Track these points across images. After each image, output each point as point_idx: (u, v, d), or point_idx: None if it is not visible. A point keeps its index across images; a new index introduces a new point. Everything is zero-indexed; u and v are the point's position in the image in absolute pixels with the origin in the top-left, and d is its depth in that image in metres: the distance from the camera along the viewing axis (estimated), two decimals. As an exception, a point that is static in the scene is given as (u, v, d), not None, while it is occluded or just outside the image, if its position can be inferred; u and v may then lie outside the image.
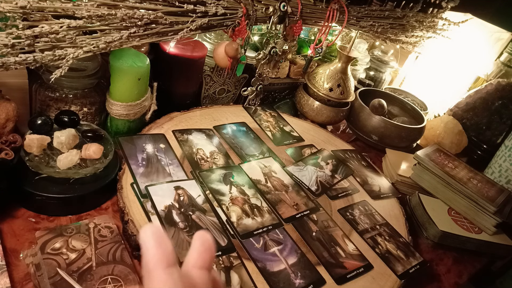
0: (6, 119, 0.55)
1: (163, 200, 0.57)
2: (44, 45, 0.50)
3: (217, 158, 0.70)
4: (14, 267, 0.48)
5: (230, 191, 0.64)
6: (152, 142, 0.68)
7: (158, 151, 0.67)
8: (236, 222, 0.58)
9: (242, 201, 0.63)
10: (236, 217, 0.59)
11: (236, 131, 0.80)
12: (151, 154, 0.65)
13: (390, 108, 1.11)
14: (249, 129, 0.83)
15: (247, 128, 0.83)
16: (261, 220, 0.61)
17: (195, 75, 0.82)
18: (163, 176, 0.62)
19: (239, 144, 0.77)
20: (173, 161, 0.66)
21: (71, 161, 0.56)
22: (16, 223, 0.53)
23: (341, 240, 0.63)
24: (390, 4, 0.94)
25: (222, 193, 0.63)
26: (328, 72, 0.95)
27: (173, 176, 0.63)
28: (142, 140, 0.68)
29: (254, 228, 0.59)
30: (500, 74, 1.16)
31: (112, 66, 0.63)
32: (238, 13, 0.66)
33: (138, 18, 0.54)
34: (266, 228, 0.59)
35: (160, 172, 0.63)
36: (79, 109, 0.65)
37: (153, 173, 0.62)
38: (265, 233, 0.59)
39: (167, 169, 0.64)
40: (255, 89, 0.84)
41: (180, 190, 0.60)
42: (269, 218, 0.62)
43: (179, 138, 0.72)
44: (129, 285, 0.48)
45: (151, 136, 0.70)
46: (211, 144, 0.74)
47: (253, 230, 0.58)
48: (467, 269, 0.76)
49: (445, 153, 0.91)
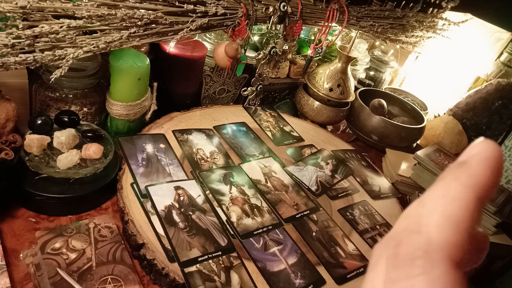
0: (6, 119, 0.55)
1: (163, 200, 0.58)
2: (44, 45, 0.50)
3: (217, 158, 0.70)
4: (14, 267, 0.48)
5: (230, 191, 0.64)
6: (152, 142, 0.68)
7: (158, 151, 0.67)
8: (236, 222, 0.58)
9: (242, 201, 0.63)
10: (236, 217, 0.59)
11: (236, 131, 0.80)
12: (151, 154, 0.65)
13: (390, 108, 1.11)
14: (249, 129, 0.83)
15: (247, 128, 0.83)
16: (261, 220, 0.61)
17: (195, 75, 0.82)
18: (163, 176, 0.62)
19: (239, 144, 0.77)
20: (173, 161, 0.66)
21: (71, 161, 0.56)
22: (16, 223, 0.53)
23: (341, 240, 0.63)
24: (390, 4, 0.94)
25: (222, 193, 0.63)
26: (328, 72, 0.95)
27: (173, 176, 0.63)
28: (142, 140, 0.68)
29: (254, 228, 0.59)
30: (500, 74, 1.16)
31: (112, 66, 0.63)
32: (238, 13, 0.66)
33: (138, 18, 0.54)
34: (266, 228, 0.59)
35: (160, 172, 0.63)
36: (79, 109, 0.65)
37: (153, 173, 0.62)
38: (265, 233, 0.59)
39: (167, 169, 0.64)
40: (255, 89, 0.84)
41: (180, 190, 0.60)
42: (269, 218, 0.62)
43: (179, 138, 0.72)
44: (129, 285, 0.48)
45: (151, 136, 0.70)
46: (211, 144, 0.74)
47: (253, 230, 0.58)
48: (467, 269, 0.76)
49: (445, 153, 0.91)
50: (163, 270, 0.49)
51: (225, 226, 0.58)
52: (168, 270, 0.49)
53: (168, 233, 0.53)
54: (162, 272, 0.49)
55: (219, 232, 0.56)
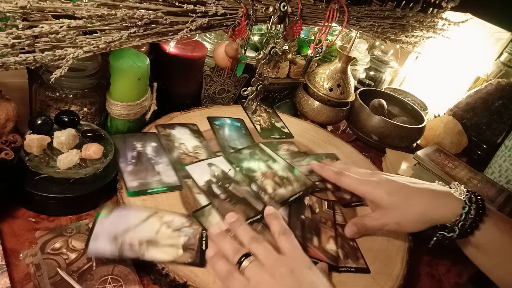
0: (6, 119, 0.55)
1: (202, 177, 0.64)
2: (44, 45, 0.50)
3: (199, 152, 0.71)
4: (14, 267, 0.48)
5: (259, 167, 0.71)
6: (144, 141, 0.68)
7: (149, 149, 0.67)
8: (273, 193, 0.65)
9: (272, 174, 0.69)
10: (272, 188, 0.66)
11: (229, 124, 0.81)
12: (141, 152, 0.65)
13: (390, 108, 1.11)
14: (244, 126, 0.83)
15: (242, 124, 0.84)
16: (291, 188, 0.68)
17: (195, 75, 0.82)
18: (152, 175, 0.62)
19: (225, 136, 0.77)
20: (163, 159, 0.66)
21: (71, 161, 0.56)
22: (16, 223, 0.53)
23: (325, 237, 0.61)
24: (390, 4, 0.94)
25: (253, 170, 0.70)
26: (328, 72, 0.96)
27: (162, 175, 0.62)
28: (134, 139, 0.68)
29: (288, 196, 0.66)
30: (500, 74, 1.16)
31: (112, 66, 0.63)
32: (238, 13, 0.66)
33: (138, 18, 0.54)
34: (298, 194, 0.67)
35: (149, 170, 0.62)
36: (79, 109, 0.65)
37: (141, 171, 0.62)
38: (294, 200, 0.66)
39: (156, 167, 0.64)
40: (255, 89, 0.84)
41: (213, 167, 0.68)
42: (298, 185, 0.69)
43: (161, 133, 0.71)
44: (129, 285, 0.48)
45: (143, 134, 0.70)
46: (194, 139, 0.74)
47: (287, 198, 0.65)
48: (467, 269, 0.76)
49: (445, 153, 0.91)
50: (163, 270, 0.49)
51: (259, 195, 0.64)
52: (168, 270, 0.49)
53: (213, 204, 0.60)
54: (162, 272, 0.49)
55: (255, 199, 0.63)
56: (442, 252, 0.76)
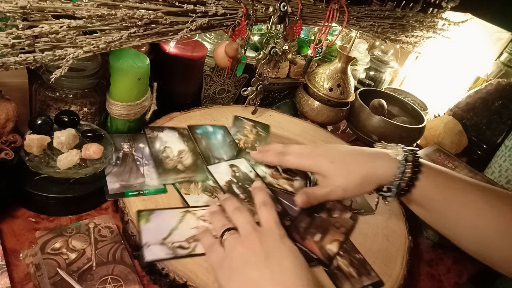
0: (6, 119, 0.55)
1: (223, 177, 0.66)
2: (44, 45, 0.50)
3: (184, 157, 0.68)
4: (14, 267, 0.48)
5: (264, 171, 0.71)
6: (132, 142, 0.68)
7: (136, 150, 0.66)
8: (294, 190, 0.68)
9: (277, 173, 0.71)
10: (289, 186, 0.69)
11: (212, 133, 0.77)
12: (127, 153, 0.65)
13: (390, 108, 1.11)
14: (227, 134, 0.78)
15: (225, 132, 0.78)
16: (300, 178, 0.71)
17: (195, 75, 0.82)
18: (136, 177, 0.61)
19: (209, 145, 0.73)
20: (150, 161, 0.65)
21: (71, 161, 0.56)
22: (16, 223, 0.53)
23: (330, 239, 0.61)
24: (390, 4, 0.94)
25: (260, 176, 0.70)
26: (328, 72, 0.95)
27: (147, 177, 0.61)
28: (122, 139, 0.67)
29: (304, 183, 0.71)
30: (500, 74, 1.16)
31: (112, 66, 0.63)
32: (238, 13, 0.66)
33: (138, 18, 0.54)
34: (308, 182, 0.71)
35: (133, 172, 0.61)
36: (79, 109, 0.65)
37: (125, 173, 0.61)
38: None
39: (141, 169, 0.63)
40: (255, 89, 0.84)
41: (235, 168, 0.69)
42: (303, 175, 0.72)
43: (148, 135, 0.70)
44: (129, 285, 0.48)
45: (132, 135, 0.69)
46: (182, 143, 0.71)
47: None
48: (467, 269, 0.76)
49: (445, 153, 0.91)
50: (163, 270, 0.49)
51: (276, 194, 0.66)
52: (168, 270, 0.49)
53: None
54: (162, 272, 0.49)
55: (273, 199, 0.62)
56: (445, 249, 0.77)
